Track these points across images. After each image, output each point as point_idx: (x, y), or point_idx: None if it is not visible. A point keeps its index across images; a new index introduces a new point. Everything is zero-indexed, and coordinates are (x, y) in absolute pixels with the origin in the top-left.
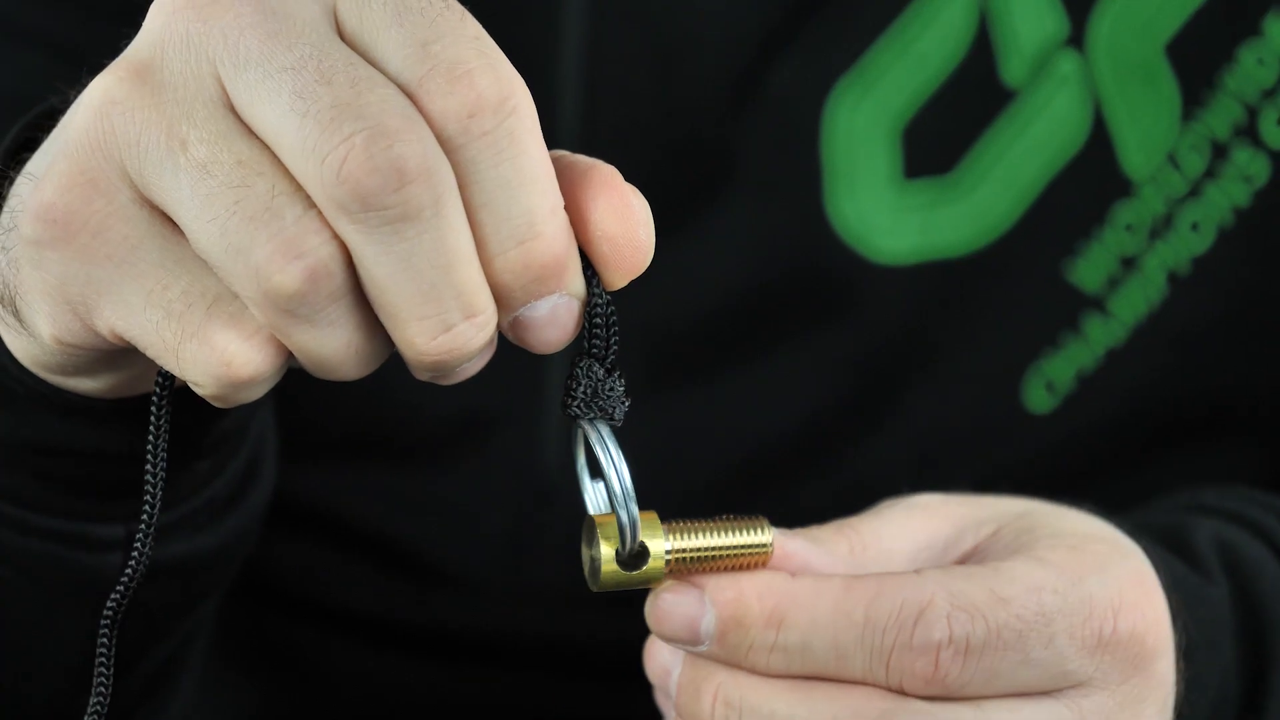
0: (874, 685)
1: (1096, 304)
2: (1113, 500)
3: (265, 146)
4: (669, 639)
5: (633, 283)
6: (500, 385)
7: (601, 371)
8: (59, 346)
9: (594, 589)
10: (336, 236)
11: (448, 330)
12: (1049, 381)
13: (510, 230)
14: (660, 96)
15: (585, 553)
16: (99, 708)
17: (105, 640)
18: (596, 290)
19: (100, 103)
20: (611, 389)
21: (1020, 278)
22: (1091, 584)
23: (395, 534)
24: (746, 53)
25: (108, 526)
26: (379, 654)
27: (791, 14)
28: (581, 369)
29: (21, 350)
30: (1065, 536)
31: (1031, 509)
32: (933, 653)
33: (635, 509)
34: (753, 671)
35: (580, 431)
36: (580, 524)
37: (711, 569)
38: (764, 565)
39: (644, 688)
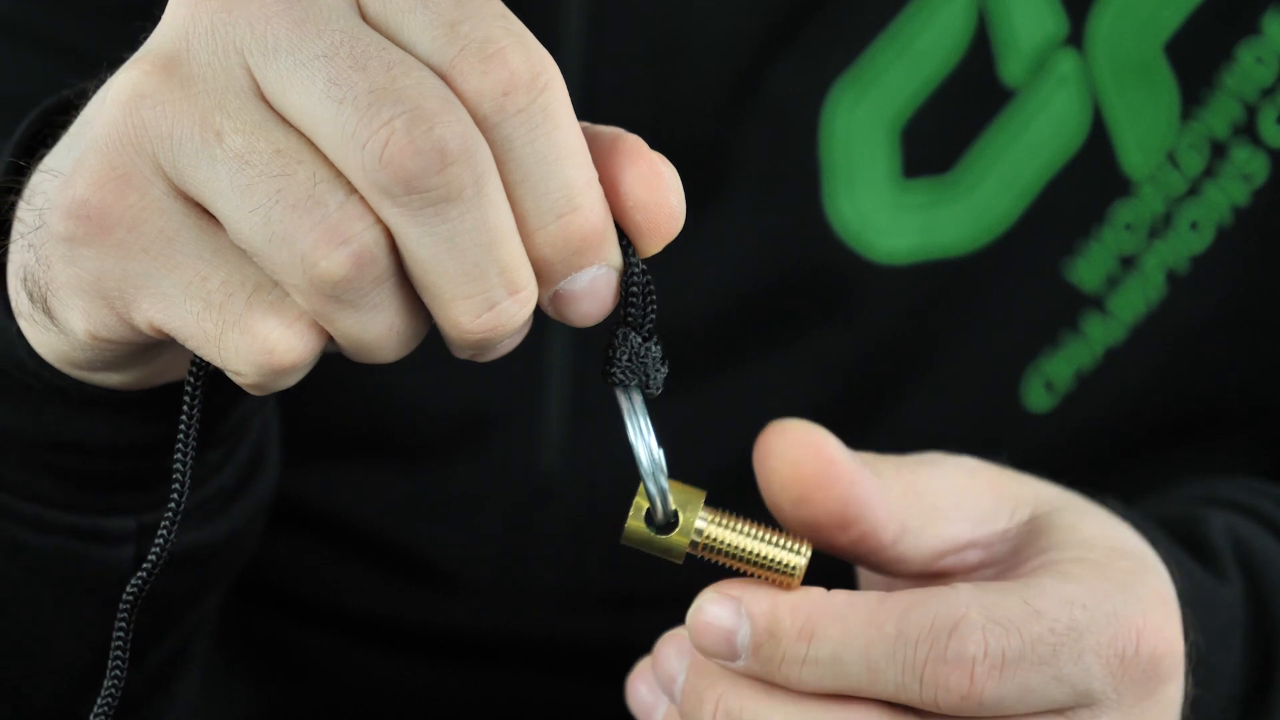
0: (905, 703)
1: (1096, 303)
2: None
3: (302, 134)
4: (709, 653)
5: None
6: (500, 385)
7: (639, 339)
8: (94, 342)
9: (621, 540)
10: (379, 221)
11: (492, 308)
12: (1048, 380)
13: (549, 204)
14: (659, 96)
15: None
16: (113, 691)
17: (123, 626)
18: (632, 259)
19: (128, 97)
20: (649, 355)
21: (1020, 277)
22: (1118, 601)
23: (395, 534)
24: (745, 53)
25: (120, 519)
26: (378, 654)
27: (790, 14)
28: (619, 336)
29: (49, 347)
30: (1091, 548)
31: (1067, 504)
32: (968, 666)
33: (664, 480)
34: (786, 687)
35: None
36: (579, 524)
37: (736, 568)
38: (788, 588)
39: None
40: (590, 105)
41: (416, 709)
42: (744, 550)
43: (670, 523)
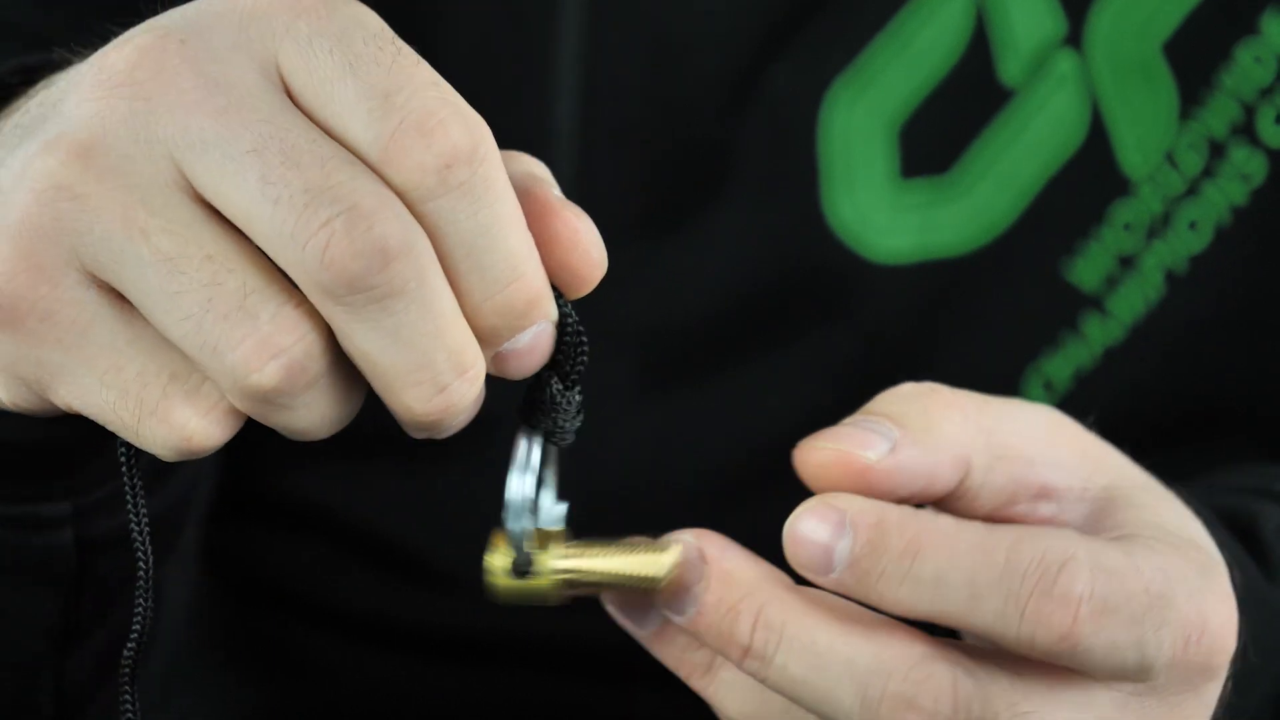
0: (996, 637)
1: (1095, 303)
2: None
3: (233, 233)
4: (803, 567)
5: (629, 284)
6: (500, 386)
7: (560, 387)
8: (15, 407)
9: (491, 598)
10: (315, 327)
11: (442, 390)
12: (1047, 380)
13: (495, 275)
14: (657, 96)
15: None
16: None
17: (128, 695)
18: (566, 310)
19: (44, 186)
20: (568, 404)
21: (1019, 277)
22: (1196, 585)
23: (394, 534)
24: (743, 52)
25: (54, 505)
26: (378, 654)
27: (788, 14)
28: (541, 380)
29: None
30: (1169, 533)
31: (1147, 485)
32: (1073, 606)
33: (529, 522)
34: (880, 603)
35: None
36: (578, 524)
37: (605, 591)
38: (656, 592)
39: (644, 688)
40: (588, 105)
41: (415, 709)
42: (603, 573)
43: (527, 568)
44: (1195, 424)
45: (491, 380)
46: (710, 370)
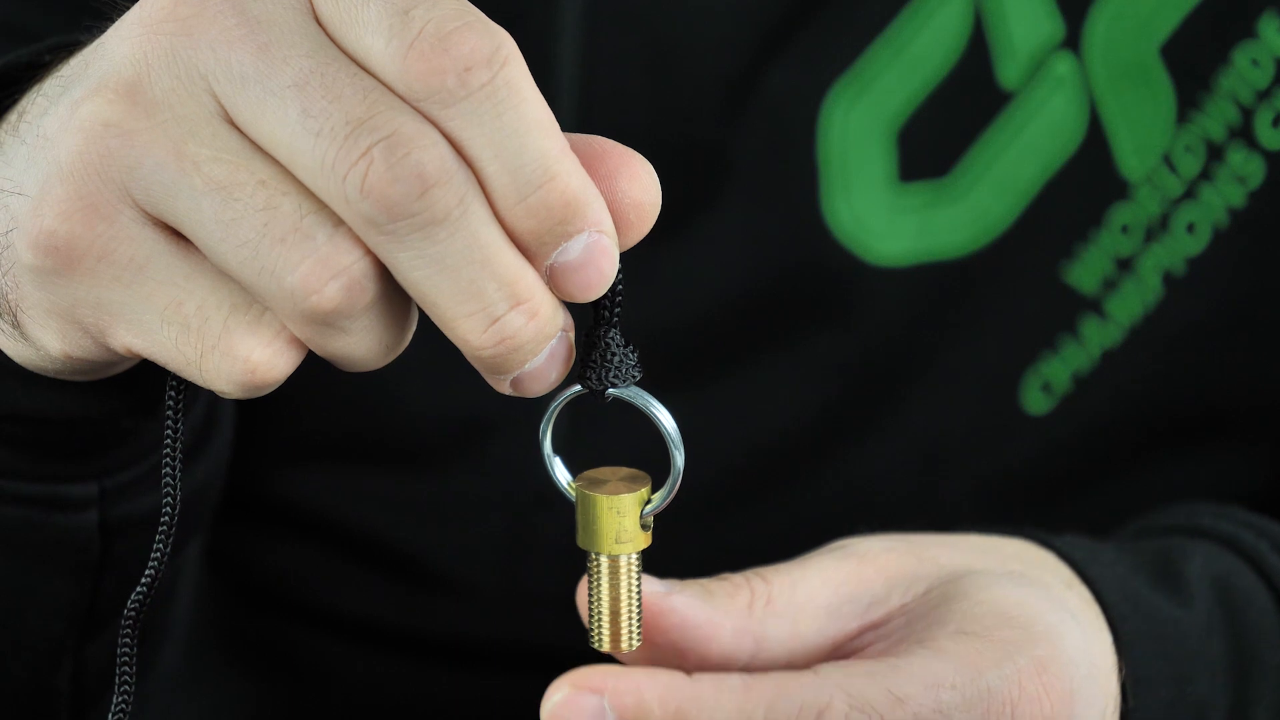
0: None
1: (1093, 305)
2: (1110, 500)
3: (280, 164)
4: None
5: (628, 284)
6: (494, 392)
7: (621, 339)
8: (69, 360)
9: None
10: (368, 251)
11: (495, 322)
12: (1046, 383)
13: (527, 177)
14: (656, 99)
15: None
16: (124, 707)
17: (127, 641)
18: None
19: (91, 125)
20: (628, 357)
21: (1017, 279)
22: (990, 678)
23: (394, 538)
24: (742, 55)
25: (82, 486)
26: (377, 658)
27: (787, 16)
28: (599, 336)
29: (17, 354)
30: (975, 619)
31: (967, 569)
32: None
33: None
34: None
35: (553, 411)
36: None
37: (593, 599)
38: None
39: None
40: (587, 107)
41: (414, 712)
42: (617, 601)
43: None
44: (1193, 425)
45: (487, 385)
46: (708, 373)
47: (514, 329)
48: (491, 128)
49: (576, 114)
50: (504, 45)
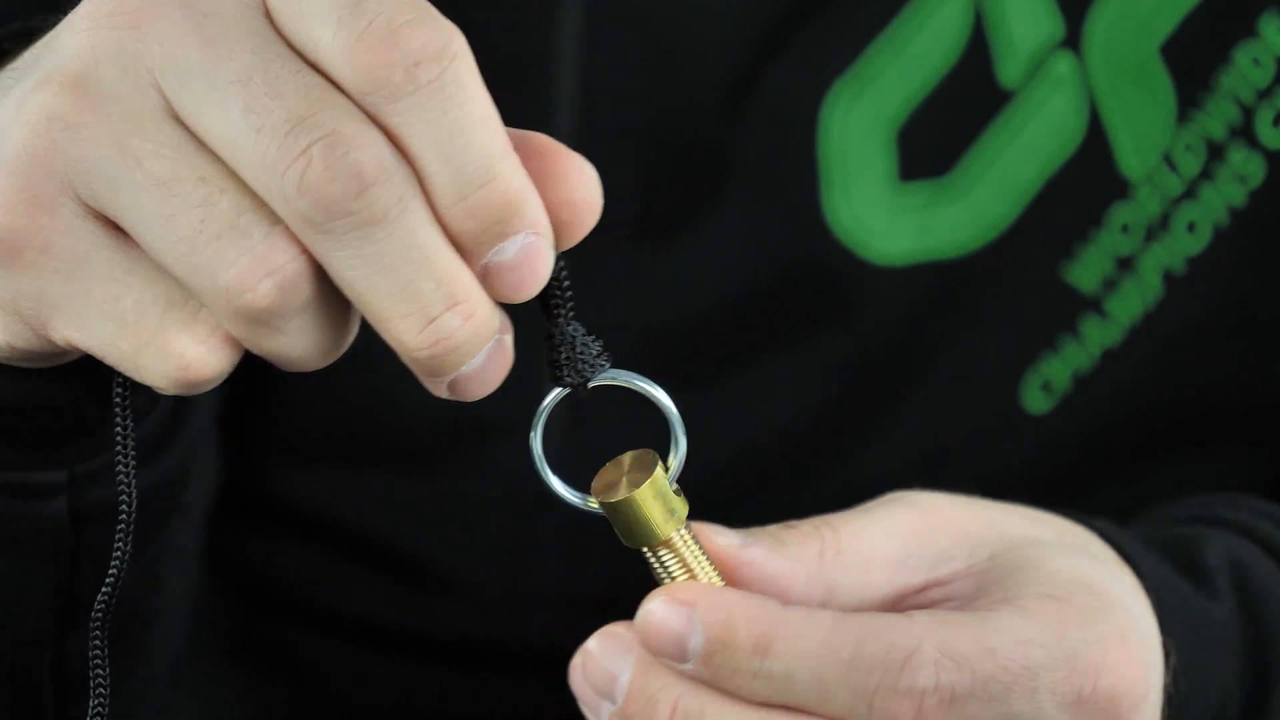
0: None
1: (1093, 305)
2: (1111, 500)
3: (220, 160)
4: (657, 653)
5: (627, 286)
6: (498, 390)
7: (582, 328)
8: (11, 351)
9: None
10: (304, 250)
11: (431, 322)
12: (1046, 382)
13: (469, 176)
14: (655, 98)
15: (619, 478)
16: (100, 709)
17: (98, 644)
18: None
19: (38, 118)
20: (590, 346)
21: (1017, 279)
22: (1076, 640)
23: (394, 539)
24: (742, 55)
25: (50, 472)
26: (377, 658)
27: (787, 16)
28: (556, 331)
29: None
30: (1055, 584)
31: (1031, 538)
32: (917, 698)
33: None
34: (734, 696)
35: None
36: (578, 529)
37: (662, 571)
38: None
39: None
40: (586, 107)
41: (415, 713)
42: (692, 576)
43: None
44: (1193, 425)
45: None
46: (708, 373)
47: (450, 330)
48: (436, 124)
49: (576, 114)
50: (454, 41)
